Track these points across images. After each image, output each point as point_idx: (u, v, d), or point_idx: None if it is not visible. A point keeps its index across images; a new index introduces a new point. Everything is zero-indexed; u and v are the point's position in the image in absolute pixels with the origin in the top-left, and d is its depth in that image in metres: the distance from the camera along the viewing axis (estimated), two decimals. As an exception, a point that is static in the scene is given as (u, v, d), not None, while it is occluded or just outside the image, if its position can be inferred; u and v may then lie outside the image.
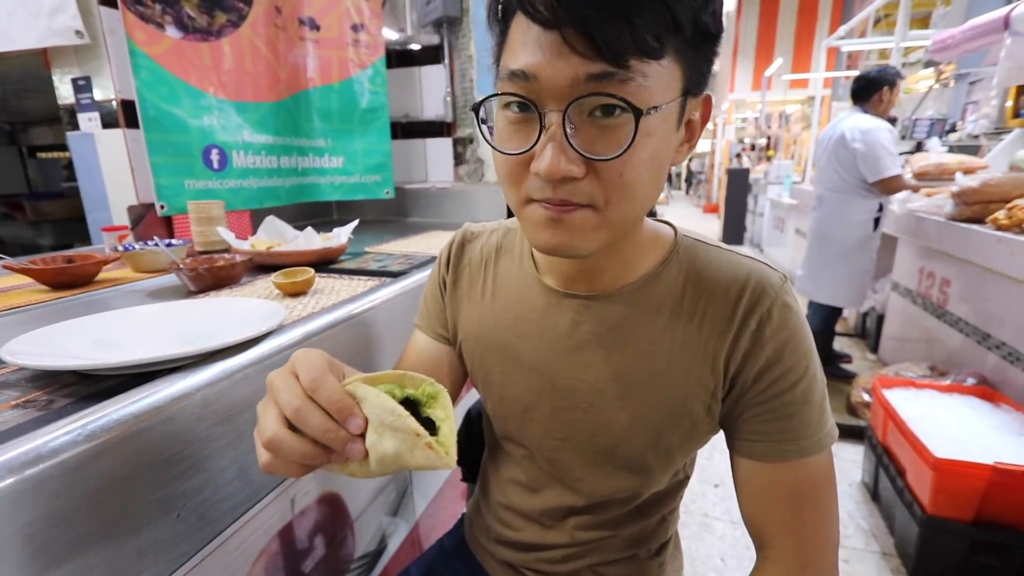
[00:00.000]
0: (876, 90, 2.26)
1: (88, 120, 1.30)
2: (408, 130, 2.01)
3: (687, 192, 16.74)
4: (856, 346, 2.89)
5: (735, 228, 6.56)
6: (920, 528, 1.36)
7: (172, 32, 1.22)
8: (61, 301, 0.82)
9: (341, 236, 1.13)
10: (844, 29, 4.10)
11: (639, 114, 0.37)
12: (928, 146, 3.03)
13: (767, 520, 0.52)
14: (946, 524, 1.32)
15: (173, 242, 1.07)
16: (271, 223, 1.17)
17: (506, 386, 0.59)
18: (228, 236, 1.05)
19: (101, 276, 0.96)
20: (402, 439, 0.36)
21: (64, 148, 1.41)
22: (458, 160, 1.99)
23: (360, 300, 0.81)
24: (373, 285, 0.90)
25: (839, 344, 2.78)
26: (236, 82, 1.38)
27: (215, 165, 1.36)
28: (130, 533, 0.42)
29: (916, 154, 2.71)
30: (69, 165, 2.83)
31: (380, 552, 0.92)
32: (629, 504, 0.59)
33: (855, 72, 5.81)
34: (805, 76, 7.06)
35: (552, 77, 0.37)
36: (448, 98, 1.92)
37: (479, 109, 0.43)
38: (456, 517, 1.25)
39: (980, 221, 1.82)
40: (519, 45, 0.39)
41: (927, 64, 4.19)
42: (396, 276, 0.97)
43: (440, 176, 2.03)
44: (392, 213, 2.05)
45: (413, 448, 0.36)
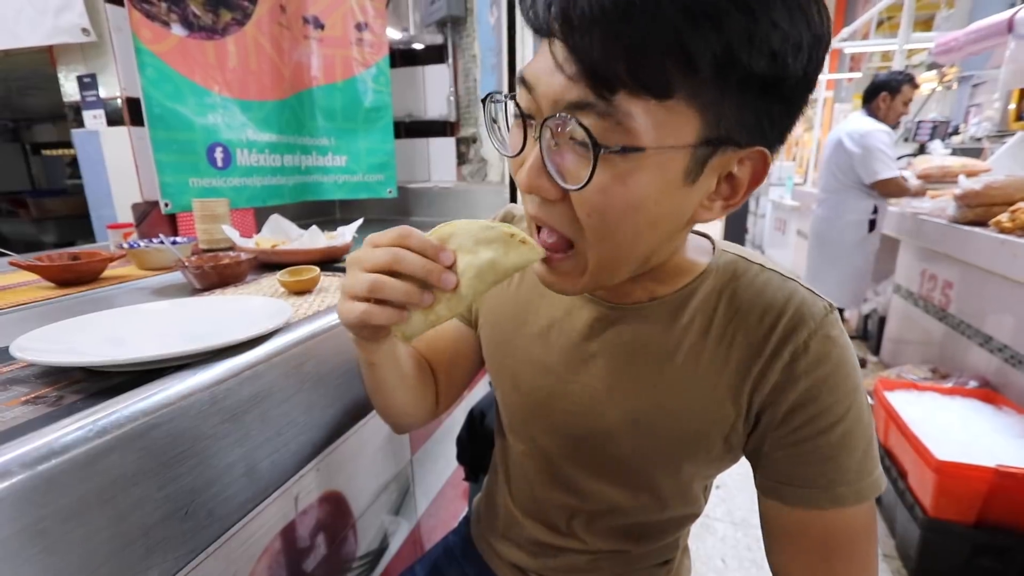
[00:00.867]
0: (877, 94, 2.29)
1: (93, 117, 1.30)
2: (411, 129, 2.02)
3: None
4: (857, 348, 2.90)
5: (736, 229, 6.55)
6: (921, 530, 1.36)
7: (177, 30, 1.22)
8: (67, 298, 0.82)
9: (346, 235, 1.13)
10: (847, 31, 4.10)
11: (598, 150, 0.33)
12: (930, 148, 3.03)
13: (793, 570, 0.47)
14: (948, 526, 1.32)
15: (178, 240, 1.08)
16: (275, 221, 1.17)
17: (518, 379, 0.58)
18: (233, 234, 1.06)
19: (106, 273, 0.96)
20: (496, 246, 0.41)
21: (68, 145, 1.42)
22: (461, 160, 1.99)
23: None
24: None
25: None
26: (240, 80, 1.38)
27: (219, 163, 1.37)
28: (139, 529, 0.43)
29: (919, 156, 2.71)
30: (73, 162, 2.84)
31: (382, 551, 0.93)
32: (639, 522, 0.58)
33: (858, 74, 5.84)
34: (807, 78, 7.05)
35: (543, 91, 0.36)
36: (451, 98, 1.92)
37: (485, 102, 0.42)
38: (457, 517, 1.26)
39: (983, 224, 1.81)
40: (535, 55, 0.38)
41: (930, 66, 4.18)
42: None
43: (443, 176, 2.03)
44: (395, 212, 2.05)
45: (508, 250, 0.41)
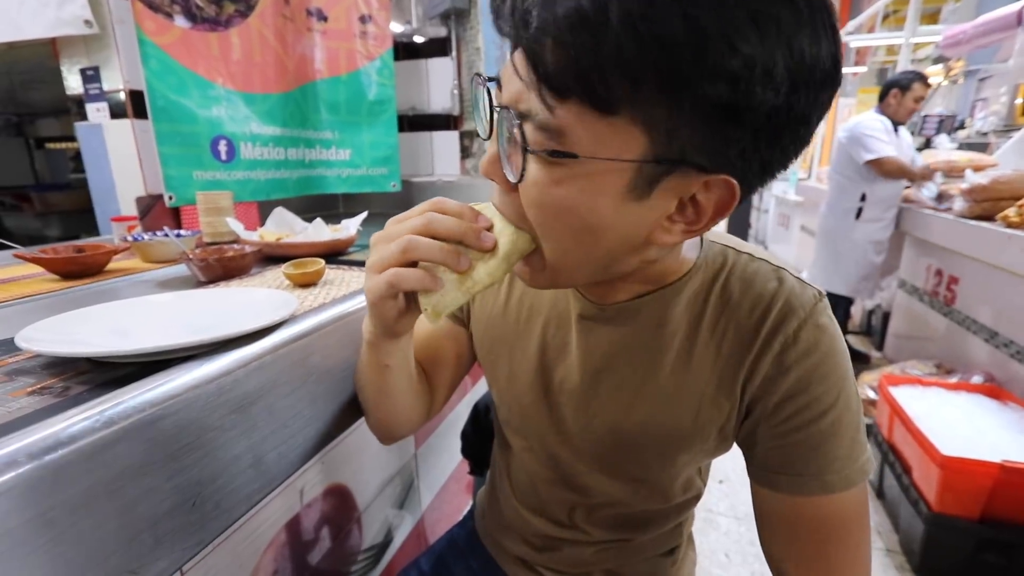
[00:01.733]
0: (888, 92, 2.36)
1: (96, 110, 1.29)
2: (414, 123, 2.01)
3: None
4: (861, 343, 2.89)
5: (739, 224, 6.53)
6: (926, 525, 1.36)
7: (181, 22, 1.22)
8: (72, 290, 0.82)
9: (350, 228, 1.12)
10: (853, 24, 4.07)
11: (526, 146, 0.34)
12: (937, 143, 3.01)
13: (787, 556, 0.48)
14: (952, 522, 1.32)
15: (182, 232, 1.07)
16: (280, 214, 1.16)
17: (512, 377, 0.58)
18: (237, 227, 1.05)
19: (111, 266, 0.96)
20: None
21: (71, 139, 1.42)
22: (464, 153, 1.99)
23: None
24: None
25: (855, 344, 2.81)
26: (244, 73, 1.38)
27: (223, 156, 1.36)
28: (147, 520, 0.42)
29: (925, 151, 2.70)
30: (76, 156, 2.84)
31: (386, 545, 0.93)
32: (640, 511, 0.58)
33: (863, 68, 5.80)
34: (812, 72, 6.99)
35: (505, 91, 0.37)
36: (455, 91, 1.91)
37: (473, 81, 0.42)
38: (461, 510, 1.26)
39: (989, 218, 1.80)
40: None
41: (936, 60, 4.16)
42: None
43: (446, 169, 2.02)
44: (398, 206, 2.04)
45: None
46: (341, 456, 0.74)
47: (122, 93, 1.25)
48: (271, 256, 1.03)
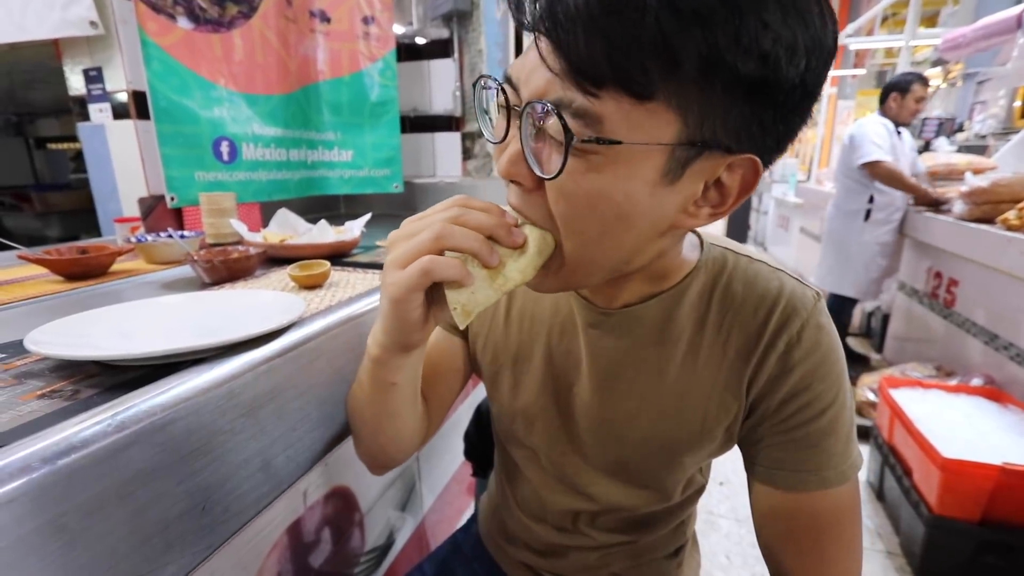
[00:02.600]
0: (888, 95, 2.38)
1: (99, 111, 1.29)
2: (416, 124, 2.01)
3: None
4: (861, 345, 2.89)
5: (739, 226, 6.54)
6: (926, 528, 1.37)
7: (184, 23, 1.22)
8: (75, 292, 0.81)
9: (354, 230, 1.12)
10: (852, 27, 4.08)
11: (570, 138, 0.33)
12: (936, 146, 3.02)
13: (785, 551, 0.49)
14: (953, 524, 1.33)
15: (186, 234, 1.07)
16: (283, 216, 1.16)
17: (516, 389, 0.57)
18: (240, 228, 1.05)
19: (114, 267, 0.95)
20: None
21: (72, 139, 1.42)
22: (466, 155, 1.99)
23: (379, 292, 0.81)
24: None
25: (855, 346, 2.82)
26: (246, 74, 1.37)
27: (225, 157, 1.36)
28: (158, 525, 0.42)
29: (925, 153, 2.71)
30: (77, 156, 2.83)
31: (388, 547, 0.93)
32: (644, 513, 0.58)
33: (862, 71, 5.81)
34: (811, 74, 6.99)
35: (526, 85, 0.36)
36: (457, 92, 1.91)
37: (476, 86, 0.41)
38: (462, 512, 1.26)
39: (989, 221, 1.81)
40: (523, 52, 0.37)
41: (935, 63, 4.17)
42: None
43: (448, 171, 2.02)
44: (400, 207, 2.05)
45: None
46: (344, 458, 0.74)
47: (125, 94, 1.25)
48: (275, 258, 1.03)
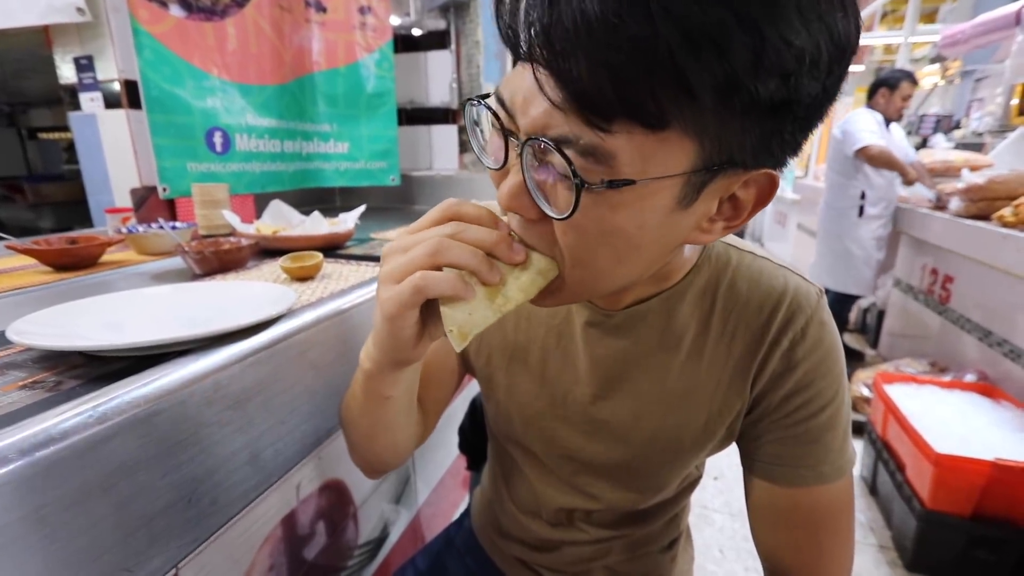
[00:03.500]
0: (877, 91, 2.39)
1: (90, 100, 1.28)
2: (413, 117, 1.99)
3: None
4: (856, 341, 2.90)
5: (736, 222, 6.54)
6: (918, 522, 1.37)
7: (176, 11, 1.20)
8: (64, 282, 0.81)
9: (348, 222, 1.11)
10: (851, 23, 4.06)
11: (581, 186, 0.30)
12: (933, 142, 3.03)
13: (781, 545, 0.49)
14: (945, 518, 1.34)
15: (177, 225, 1.06)
16: (276, 207, 1.15)
17: (511, 390, 0.56)
18: (233, 220, 1.04)
19: (105, 258, 0.95)
20: None
21: (65, 130, 1.40)
22: (463, 148, 1.97)
23: (371, 285, 0.80)
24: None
25: (851, 342, 2.82)
26: (240, 64, 1.36)
27: (218, 148, 1.35)
28: (142, 518, 0.42)
29: (922, 150, 2.71)
30: (70, 147, 2.80)
31: (382, 540, 0.92)
32: (640, 507, 0.58)
33: (860, 67, 5.80)
34: (810, 70, 6.97)
35: (523, 114, 0.32)
36: (454, 84, 1.89)
37: (466, 106, 0.38)
38: (457, 505, 1.26)
39: (985, 218, 1.81)
40: (514, 70, 0.34)
41: (934, 60, 4.16)
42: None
43: (445, 163, 2.01)
44: (396, 200, 2.04)
45: None
46: (338, 451, 0.73)
47: (116, 83, 1.23)
48: (268, 249, 1.02)
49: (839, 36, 0.29)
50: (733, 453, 0.53)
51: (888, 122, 2.38)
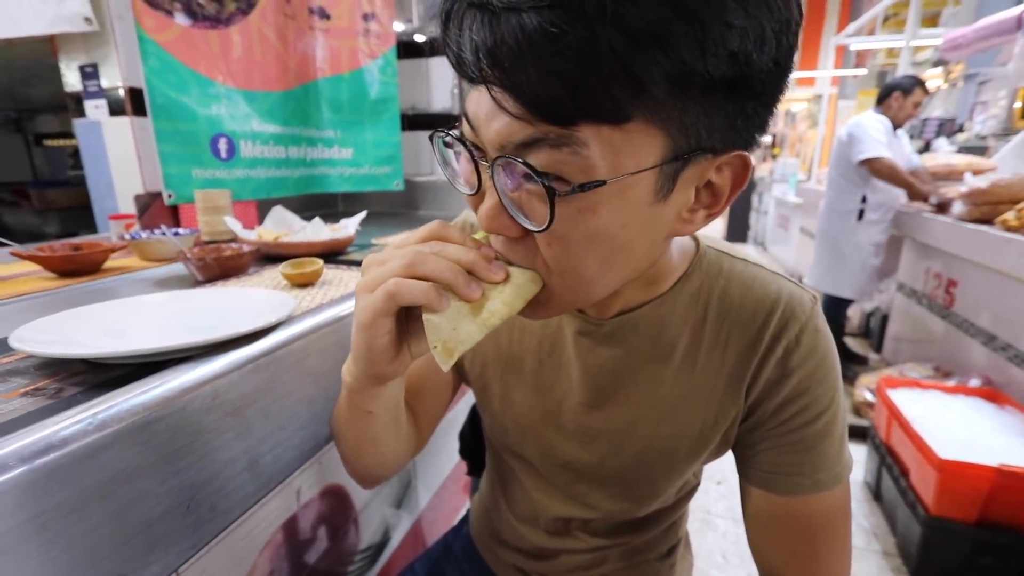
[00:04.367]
0: (890, 94, 2.36)
1: (95, 108, 1.29)
2: (415, 122, 2.00)
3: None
4: (859, 346, 2.89)
5: (739, 226, 6.54)
6: (923, 528, 1.36)
7: (181, 19, 1.21)
8: (68, 288, 0.81)
9: (349, 227, 1.12)
10: (853, 27, 4.07)
11: (553, 194, 0.31)
12: (936, 146, 3.01)
13: (778, 553, 0.49)
14: (949, 525, 1.32)
15: (180, 231, 1.07)
16: (278, 213, 1.16)
17: (505, 401, 0.56)
18: (235, 226, 1.05)
19: (108, 264, 0.95)
20: None
21: (70, 136, 1.42)
22: (464, 153, 1.98)
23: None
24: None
25: (854, 346, 2.81)
26: (245, 71, 1.37)
27: (223, 154, 1.36)
28: (141, 524, 0.42)
29: (925, 154, 2.70)
30: (75, 153, 2.83)
31: (383, 544, 0.92)
32: (637, 516, 0.57)
33: (863, 71, 5.80)
34: (812, 74, 6.99)
35: (487, 133, 0.33)
36: (456, 90, 1.90)
37: (433, 139, 0.38)
38: (458, 510, 1.26)
39: (989, 222, 1.80)
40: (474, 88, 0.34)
41: (936, 63, 4.15)
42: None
43: (447, 169, 2.01)
44: (398, 205, 2.05)
45: None
46: (338, 457, 0.73)
47: (121, 90, 1.24)
48: (269, 255, 1.02)
49: (778, 9, 0.30)
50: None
51: (895, 127, 2.37)
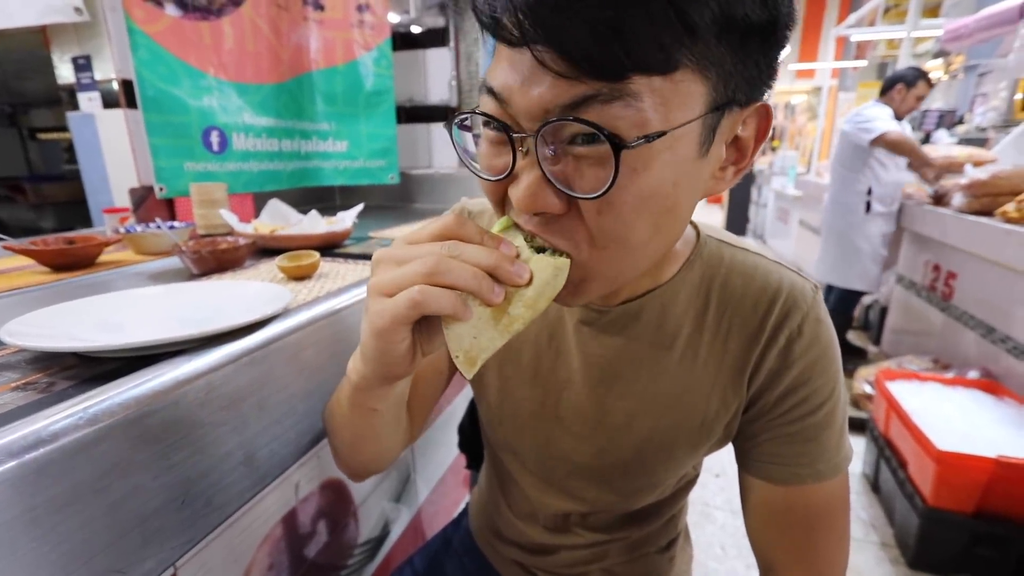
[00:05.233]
0: (894, 86, 2.35)
1: (88, 100, 1.28)
2: (412, 115, 1.99)
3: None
4: (858, 338, 2.89)
5: (738, 219, 6.53)
6: (920, 519, 1.37)
7: (171, 10, 1.19)
8: (62, 282, 0.81)
9: (346, 220, 1.11)
10: (853, 18, 4.05)
11: (619, 147, 0.29)
12: (936, 138, 3.01)
13: (777, 544, 0.49)
14: (947, 516, 1.33)
15: (175, 224, 1.06)
16: (274, 206, 1.15)
17: (503, 393, 0.55)
18: (231, 219, 1.04)
19: (102, 258, 0.94)
20: None
21: (65, 130, 1.40)
22: (462, 146, 1.97)
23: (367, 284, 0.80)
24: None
25: (853, 339, 2.81)
26: (237, 63, 1.35)
27: (215, 147, 1.35)
28: (135, 519, 0.42)
29: (925, 146, 2.69)
30: (70, 147, 2.80)
31: (383, 538, 0.92)
32: (636, 509, 0.57)
33: (863, 62, 5.77)
34: (812, 66, 6.94)
35: (525, 102, 0.31)
36: (453, 82, 1.89)
37: (451, 129, 0.36)
38: (458, 504, 1.26)
39: (988, 214, 1.80)
40: (497, 59, 0.33)
41: (937, 54, 4.14)
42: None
43: (444, 162, 2.00)
44: (395, 199, 2.03)
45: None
46: (336, 451, 0.73)
47: (114, 83, 1.23)
48: (265, 249, 1.02)
49: None
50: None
51: (897, 120, 2.36)
